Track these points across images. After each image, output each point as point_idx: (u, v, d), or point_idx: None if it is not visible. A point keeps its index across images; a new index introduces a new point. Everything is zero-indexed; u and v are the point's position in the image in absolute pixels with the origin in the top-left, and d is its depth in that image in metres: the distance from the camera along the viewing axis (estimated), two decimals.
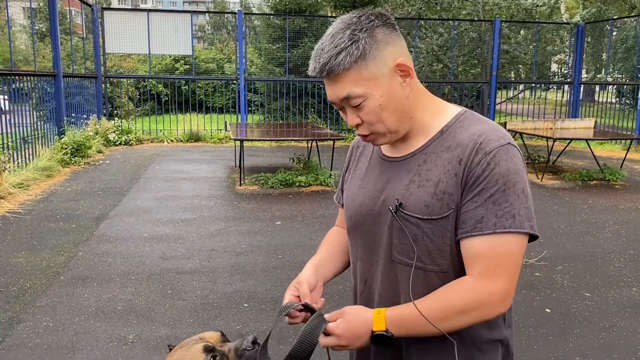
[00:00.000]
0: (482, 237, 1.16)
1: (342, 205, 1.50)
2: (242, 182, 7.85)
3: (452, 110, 1.29)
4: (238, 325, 3.58)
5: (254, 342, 1.27)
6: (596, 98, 17.83)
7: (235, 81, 13.64)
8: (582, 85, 14.93)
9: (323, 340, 1.22)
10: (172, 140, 12.25)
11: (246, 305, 3.90)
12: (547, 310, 3.88)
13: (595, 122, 10.55)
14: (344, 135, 11.34)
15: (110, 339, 3.40)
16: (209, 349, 1.27)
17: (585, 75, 20.23)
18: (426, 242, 1.22)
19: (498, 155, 1.17)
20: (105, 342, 3.37)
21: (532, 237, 1.20)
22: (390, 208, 1.25)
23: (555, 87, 17.61)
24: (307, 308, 1.32)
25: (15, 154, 7.63)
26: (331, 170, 8.26)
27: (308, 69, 1.27)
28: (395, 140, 1.28)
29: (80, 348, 3.29)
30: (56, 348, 3.28)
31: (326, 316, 1.23)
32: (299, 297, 1.36)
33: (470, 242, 1.18)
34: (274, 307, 3.85)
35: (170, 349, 1.36)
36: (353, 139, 12.78)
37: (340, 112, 1.29)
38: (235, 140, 7.67)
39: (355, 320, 1.22)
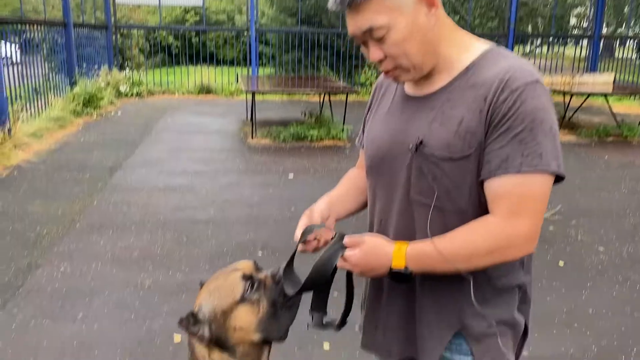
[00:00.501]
0: (507, 176, 1.13)
1: (363, 147, 1.48)
2: (254, 135, 7.81)
3: (479, 46, 1.24)
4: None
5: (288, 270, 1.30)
6: (615, 54, 17.36)
7: (246, 32, 13.40)
8: (602, 40, 14.51)
9: (340, 263, 1.23)
10: (183, 93, 12.16)
11: (260, 254, 3.94)
12: (560, 263, 3.88)
13: (615, 77, 10.30)
14: (357, 88, 11.17)
15: (126, 285, 3.46)
16: (247, 277, 1.28)
17: (606, 29, 19.63)
18: (446, 181, 1.19)
19: (525, 93, 1.12)
20: (122, 287, 3.43)
21: (558, 179, 1.16)
22: (411, 146, 1.22)
23: (573, 42, 17.15)
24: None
25: (28, 104, 7.61)
26: (344, 124, 8.18)
27: (327, 5, 1.21)
28: (419, 77, 1.24)
29: (98, 293, 3.35)
30: (74, 292, 3.34)
31: (345, 240, 1.23)
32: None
33: (494, 182, 1.15)
34: (287, 256, 3.87)
35: (202, 286, 1.37)
36: (367, 93, 12.51)
37: (362, 49, 1.25)
38: (246, 92, 7.59)
39: (373, 253, 1.21)
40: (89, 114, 9.00)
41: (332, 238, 1.28)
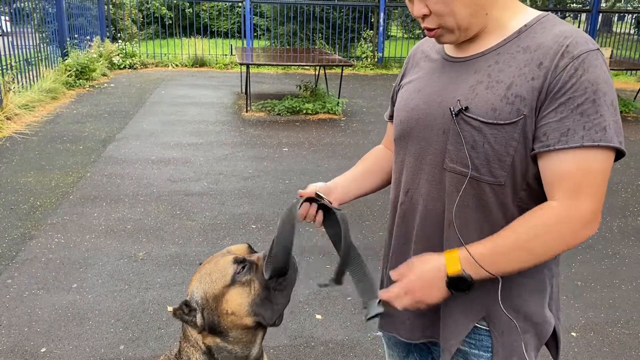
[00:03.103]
0: (568, 152, 1.04)
1: (391, 119, 1.40)
2: (248, 108, 7.76)
3: (533, 11, 1.16)
4: None
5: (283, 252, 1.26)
6: (614, 29, 17.23)
7: (240, 3, 13.19)
8: (600, 14, 14.38)
9: (387, 294, 1.15)
10: (176, 65, 12.02)
11: (254, 226, 3.95)
12: None
13: (612, 52, 10.24)
14: (353, 62, 11.08)
15: (120, 256, 3.47)
16: (238, 260, 1.26)
17: (605, 4, 19.45)
18: (486, 149, 1.10)
19: (587, 61, 1.03)
20: (115, 258, 3.44)
21: (617, 156, 1.07)
22: (451, 109, 1.13)
23: (572, 16, 16.98)
24: (322, 207, 1.31)
25: (19, 76, 7.51)
26: (339, 98, 8.13)
27: None
28: (463, 39, 1.15)
29: (92, 264, 3.36)
30: (68, 263, 3.36)
31: (392, 274, 1.17)
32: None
33: (553, 157, 1.06)
34: None
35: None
36: (363, 66, 12.39)
37: (407, 2, 1.17)
38: (241, 64, 7.51)
39: (425, 270, 1.12)
40: (81, 85, 8.90)
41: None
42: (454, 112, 1.13)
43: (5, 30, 7.86)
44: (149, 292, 3.08)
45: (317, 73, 9.43)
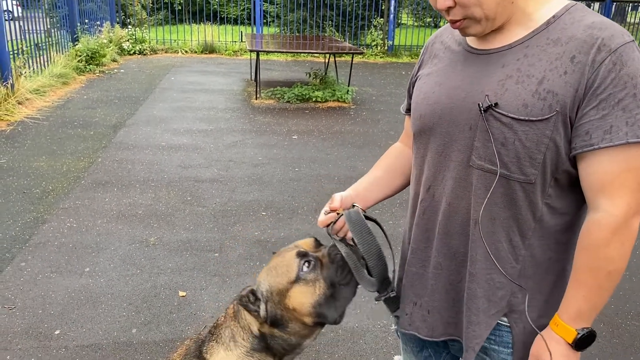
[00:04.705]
0: (612, 150, 1.01)
1: (409, 112, 1.36)
2: (258, 95, 7.75)
3: (559, 0, 1.12)
4: (256, 232, 3.66)
5: (345, 246, 1.25)
6: (627, 18, 17.01)
7: None
8: (614, 3, 14.19)
9: None
10: (186, 51, 12.01)
11: (264, 213, 3.97)
12: None
13: None
14: (363, 50, 11.02)
15: (132, 241, 3.50)
16: (301, 254, 1.25)
17: None
18: (517, 147, 1.06)
19: (625, 54, 1.00)
20: (127, 243, 3.47)
21: None
22: (480, 104, 1.09)
23: (584, 5, 16.70)
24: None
25: (30, 60, 7.54)
26: (349, 86, 8.10)
27: None
28: (489, 30, 1.11)
29: (104, 248, 3.40)
30: (81, 247, 3.39)
31: None
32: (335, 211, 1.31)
33: (596, 157, 1.02)
34: (291, 217, 3.92)
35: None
36: (373, 54, 12.26)
37: None
38: (251, 51, 7.48)
39: (557, 355, 1.10)
40: (92, 71, 8.92)
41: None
42: (482, 108, 1.09)
43: (15, 15, 7.87)
44: (161, 277, 3.10)
45: (326, 61, 9.39)
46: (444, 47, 1.27)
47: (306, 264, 1.23)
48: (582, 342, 1.09)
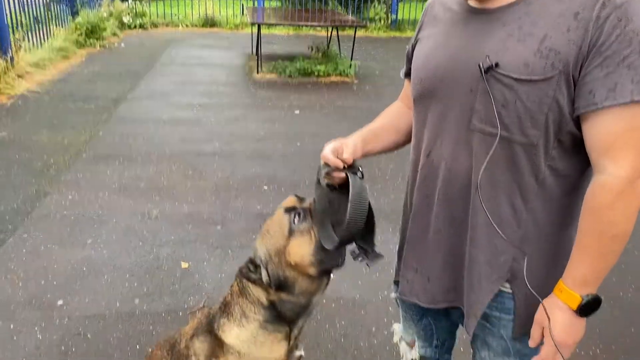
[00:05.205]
0: (617, 109, 0.97)
1: (408, 76, 1.34)
2: (259, 69, 7.67)
3: None
4: (258, 206, 3.66)
5: (333, 187, 1.23)
6: None
7: None
8: None
9: (542, 357, 1.12)
10: (187, 25, 11.86)
11: (266, 187, 3.96)
12: None
13: None
14: (366, 23, 10.88)
15: (134, 214, 3.50)
16: (289, 209, 1.25)
17: None
18: (518, 108, 1.04)
19: (630, 9, 0.96)
20: (129, 215, 3.47)
21: None
22: (480, 65, 1.06)
23: None
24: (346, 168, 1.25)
25: (29, 34, 7.46)
26: (351, 60, 8.01)
27: None
28: None
29: (106, 221, 3.40)
30: (83, 219, 3.39)
31: (530, 343, 1.15)
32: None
33: (600, 117, 0.99)
34: (293, 190, 3.90)
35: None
36: (376, 28, 12.04)
37: None
38: (252, 25, 7.39)
39: (558, 320, 1.09)
40: (92, 45, 8.82)
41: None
42: (483, 69, 1.06)
43: None
44: (163, 249, 3.11)
45: (329, 35, 9.27)
46: (445, 8, 1.24)
47: (296, 217, 1.23)
48: (587, 308, 1.07)
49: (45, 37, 8.00)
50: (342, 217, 1.15)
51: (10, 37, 6.51)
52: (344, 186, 1.22)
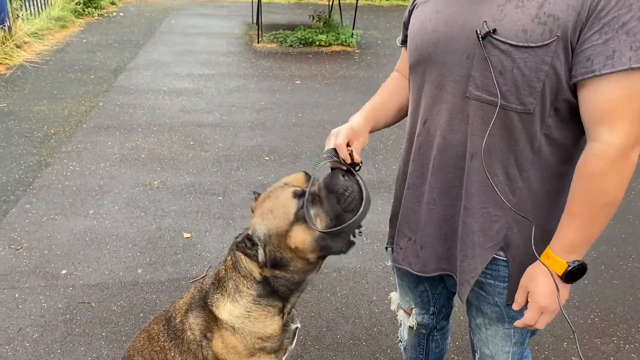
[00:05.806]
0: (614, 77, 0.96)
1: (405, 43, 1.32)
2: (260, 39, 7.58)
3: None
4: (260, 176, 3.66)
5: (342, 175, 1.20)
6: None
7: None
8: None
9: (523, 323, 1.13)
10: None
11: (267, 158, 3.95)
12: None
13: None
14: None
15: (136, 184, 3.51)
16: (298, 194, 1.19)
17: None
18: (515, 75, 1.03)
19: None
20: (131, 186, 3.48)
21: None
22: (478, 31, 1.04)
23: None
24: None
25: (27, 3, 7.35)
26: (353, 29, 7.90)
27: None
28: None
29: (108, 191, 3.40)
30: (85, 190, 3.40)
31: (514, 307, 1.16)
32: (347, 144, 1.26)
33: (597, 84, 0.98)
34: (294, 162, 3.90)
35: (257, 197, 1.31)
36: None
37: None
38: None
39: (540, 284, 1.09)
40: (91, 14, 8.70)
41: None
42: (480, 35, 1.04)
43: None
44: (165, 220, 3.12)
45: (330, 3, 9.12)
46: None
47: (305, 203, 1.18)
48: (573, 274, 1.08)
49: (43, 7, 7.89)
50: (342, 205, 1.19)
51: (7, 6, 6.42)
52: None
